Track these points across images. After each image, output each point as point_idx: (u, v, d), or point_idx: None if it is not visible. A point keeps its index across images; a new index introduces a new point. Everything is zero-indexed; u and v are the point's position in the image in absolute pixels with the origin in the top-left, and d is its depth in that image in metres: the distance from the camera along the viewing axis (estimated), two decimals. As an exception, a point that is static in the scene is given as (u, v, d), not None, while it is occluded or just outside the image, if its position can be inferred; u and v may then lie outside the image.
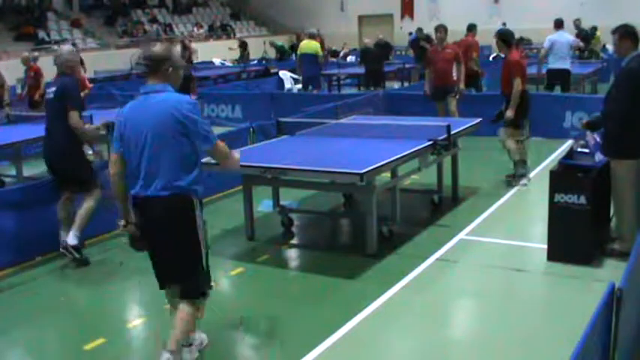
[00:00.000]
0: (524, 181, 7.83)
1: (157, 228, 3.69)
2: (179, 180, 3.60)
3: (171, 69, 3.70)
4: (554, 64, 11.40)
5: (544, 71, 11.83)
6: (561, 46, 11.35)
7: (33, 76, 12.01)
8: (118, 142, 3.75)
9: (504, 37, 7.99)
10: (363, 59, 15.38)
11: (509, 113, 7.67)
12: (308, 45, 14.25)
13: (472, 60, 11.59)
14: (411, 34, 25.87)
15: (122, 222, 3.83)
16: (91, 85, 11.94)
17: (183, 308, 3.75)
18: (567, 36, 11.62)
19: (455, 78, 9.85)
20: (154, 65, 3.66)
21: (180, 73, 3.81)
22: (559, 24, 11.81)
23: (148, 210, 3.66)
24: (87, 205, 5.87)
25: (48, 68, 16.16)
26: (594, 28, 16.79)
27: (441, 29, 9.91)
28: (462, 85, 9.86)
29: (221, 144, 3.75)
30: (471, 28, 12.61)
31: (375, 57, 14.97)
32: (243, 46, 24.66)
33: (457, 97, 9.79)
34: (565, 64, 11.39)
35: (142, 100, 3.69)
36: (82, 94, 10.97)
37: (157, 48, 3.69)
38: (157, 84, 3.67)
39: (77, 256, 5.81)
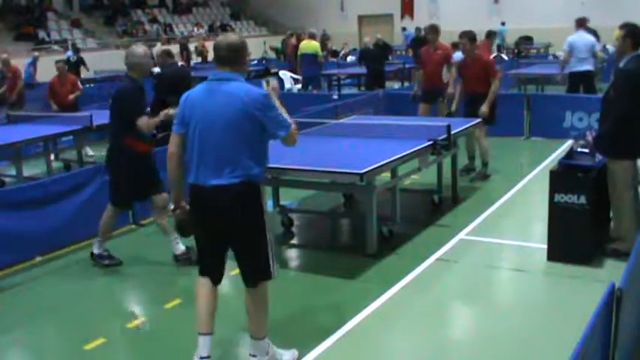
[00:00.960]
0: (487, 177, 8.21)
1: (226, 215, 3.66)
2: (249, 168, 3.62)
3: (246, 59, 3.79)
4: (576, 66, 10.81)
5: (565, 72, 11.26)
6: (581, 47, 10.73)
7: (11, 77, 12.02)
8: (180, 124, 3.77)
9: (474, 36, 8.36)
10: (364, 59, 15.35)
11: (485, 108, 7.93)
12: (308, 45, 14.36)
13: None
14: (404, 29, 25.76)
15: (172, 206, 3.98)
16: (81, 87, 11.81)
17: (253, 294, 3.84)
18: (587, 37, 10.94)
19: (445, 81, 9.19)
20: (233, 55, 3.68)
21: (249, 62, 3.97)
22: (581, 23, 11.09)
23: (216, 198, 3.63)
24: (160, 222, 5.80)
25: (49, 68, 16.05)
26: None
27: (432, 30, 9.41)
28: (450, 89, 8.89)
29: (295, 131, 3.76)
30: (489, 36, 12.32)
31: (376, 57, 14.93)
32: None
33: (446, 101, 9.08)
34: (587, 66, 10.78)
35: (213, 86, 3.70)
36: (72, 96, 11.00)
37: (235, 38, 3.76)
38: (229, 72, 3.69)
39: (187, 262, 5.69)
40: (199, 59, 23.90)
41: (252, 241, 3.74)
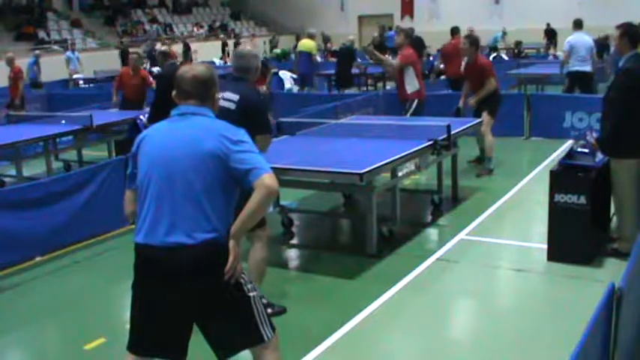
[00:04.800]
0: (491, 172, 8.37)
1: (185, 283, 2.88)
2: (219, 221, 2.90)
3: (216, 93, 3.12)
4: (575, 66, 11.03)
5: (564, 72, 11.50)
6: (581, 47, 10.97)
7: (12, 77, 11.89)
8: (133, 173, 3.12)
9: (477, 42, 8.54)
10: (337, 57, 15.32)
11: (472, 101, 8.27)
12: (304, 44, 14.64)
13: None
14: (390, 29, 25.42)
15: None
16: (152, 82, 10.68)
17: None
18: (586, 38, 11.15)
19: (408, 92, 8.29)
20: (200, 89, 3.03)
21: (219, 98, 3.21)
22: (578, 24, 11.27)
23: (171, 260, 2.86)
24: (255, 256, 4.56)
25: (50, 68, 16.06)
26: None
27: (393, 35, 8.80)
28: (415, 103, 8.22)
29: (271, 182, 2.85)
30: (457, 32, 12.39)
31: (345, 57, 14.73)
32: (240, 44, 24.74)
33: (408, 115, 8.31)
34: (586, 67, 11.00)
35: (174, 123, 3.03)
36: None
37: (203, 69, 3.09)
38: (195, 106, 3.02)
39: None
40: None
41: (233, 315, 2.97)
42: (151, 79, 10.78)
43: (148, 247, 2.91)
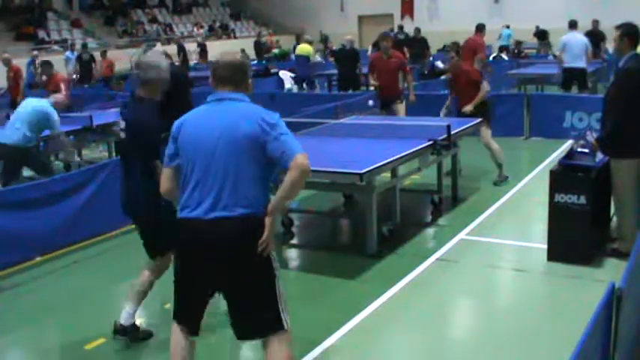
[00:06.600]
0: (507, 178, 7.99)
1: (230, 255, 3.13)
2: (256, 198, 3.14)
3: (249, 78, 3.34)
4: (570, 63, 11.49)
5: (559, 71, 11.95)
6: (574, 45, 11.47)
7: (12, 77, 11.89)
8: (173, 155, 3.30)
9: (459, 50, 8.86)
10: (336, 60, 15.31)
11: (469, 107, 7.88)
12: (302, 48, 15.02)
13: (478, 61, 11.08)
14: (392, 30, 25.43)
15: None
16: (63, 90, 9.81)
17: (278, 351, 3.23)
18: (580, 36, 11.72)
19: (401, 87, 9.23)
20: (234, 73, 3.25)
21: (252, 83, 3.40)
22: (573, 25, 11.93)
23: (217, 233, 3.10)
24: (143, 278, 4.45)
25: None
26: None
27: (388, 38, 9.38)
28: (411, 96, 9.12)
29: (305, 162, 3.13)
30: (481, 29, 12.63)
31: (348, 59, 14.65)
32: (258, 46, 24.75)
33: (403, 102, 9.25)
34: (580, 63, 11.44)
35: (212, 108, 3.24)
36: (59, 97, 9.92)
37: (240, 57, 3.33)
38: (233, 91, 3.24)
39: (131, 337, 4.45)
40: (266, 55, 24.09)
41: (259, 288, 3.20)
42: (62, 85, 10.03)
43: (192, 221, 3.16)
